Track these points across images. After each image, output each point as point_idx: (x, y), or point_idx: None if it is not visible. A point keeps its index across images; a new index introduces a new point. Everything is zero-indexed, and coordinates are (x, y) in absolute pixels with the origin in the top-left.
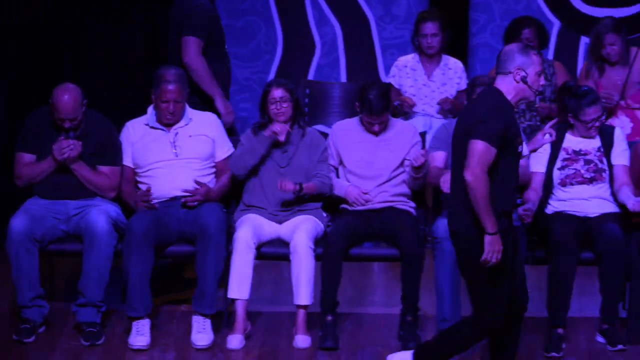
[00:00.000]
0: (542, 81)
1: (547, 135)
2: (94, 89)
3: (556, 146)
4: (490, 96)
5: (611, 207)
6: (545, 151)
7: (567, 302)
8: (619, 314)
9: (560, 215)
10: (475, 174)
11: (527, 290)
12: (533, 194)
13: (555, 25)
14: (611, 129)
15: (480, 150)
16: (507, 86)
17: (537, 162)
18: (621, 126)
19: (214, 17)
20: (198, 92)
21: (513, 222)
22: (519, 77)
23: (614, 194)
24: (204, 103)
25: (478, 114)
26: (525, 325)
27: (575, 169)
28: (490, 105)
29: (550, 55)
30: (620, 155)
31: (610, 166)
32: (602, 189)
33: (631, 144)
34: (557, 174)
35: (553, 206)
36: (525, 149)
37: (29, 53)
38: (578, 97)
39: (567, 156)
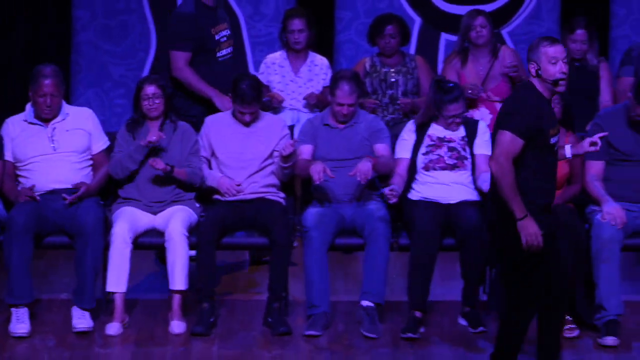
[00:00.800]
0: (563, 68)
1: (593, 146)
2: None
3: (421, 133)
4: (523, 90)
5: (471, 195)
6: (410, 138)
7: (426, 286)
8: (479, 297)
9: (422, 202)
10: (499, 162)
11: (566, 287)
12: (398, 179)
13: (417, 22)
14: (475, 121)
15: (505, 140)
16: (535, 81)
17: (402, 149)
18: (481, 117)
19: (199, 27)
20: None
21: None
22: (533, 71)
23: (475, 182)
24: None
25: (508, 106)
26: (389, 307)
27: (439, 154)
28: (521, 98)
29: (412, 50)
30: (482, 146)
31: (473, 155)
32: (464, 175)
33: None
34: (421, 159)
35: (416, 191)
36: (568, 150)
37: None
38: (443, 92)
39: (431, 142)
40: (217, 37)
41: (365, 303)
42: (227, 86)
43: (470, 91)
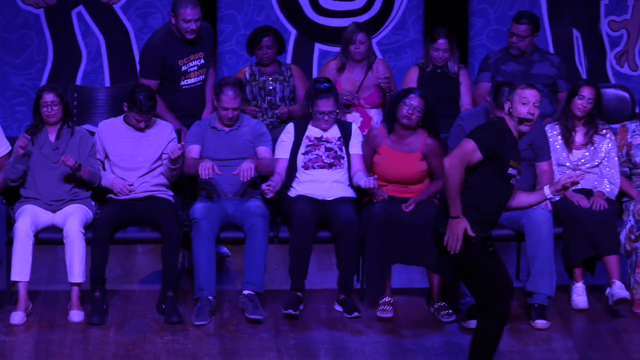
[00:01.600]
0: (532, 110)
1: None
2: None
3: (300, 134)
4: (497, 121)
5: (347, 192)
6: (289, 139)
7: (304, 270)
8: (353, 285)
9: (301, 197)
10: (453, 162)
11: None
12: (277, 177)
13: (292, 33)
14: (349, 124)
15: (467, 147)
16: (507, 118)
17: (281, 150)
18: (353, 120)
19: (164, 58)
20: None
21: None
22: (507, 109)
23: (350, 179)
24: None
25: (482, 125)
26: (271, 296)
27: (317, 154)
28: (494, 124)
29: (288, 59)
30: (356, 146)
31: (348, 155)
32: (340, 173)
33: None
34: (300, 158)
35: (296, 189)
36: (547, 190)
37: None
38: (316, 91)
39: (310, 143)
40: (184, 68)
41: (247, 291)
42: (190, 112)
43: (346, 97)
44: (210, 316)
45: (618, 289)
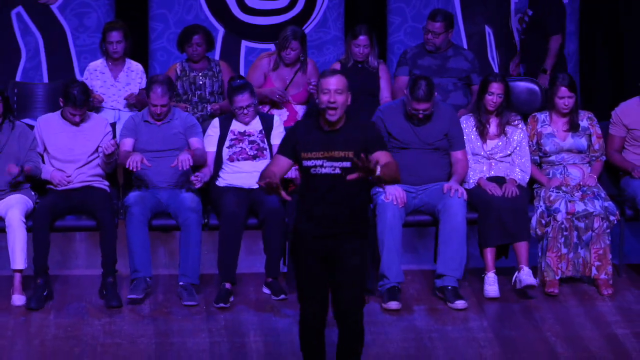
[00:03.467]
0: (331, 98)
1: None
2: None
3: (225, 129)
4: (308, 114)
5: None
6: (215, 134)
7: (234, 260)
8: (280, 269)
9: (229, 188)
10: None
11: (350, 296)
12: (205, 169)
13: (220, 31)
14: (271, 116)
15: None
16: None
17: (208, 143)
18: (279, 114)
19: None
20: None
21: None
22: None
23: None
24: None
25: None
26: (202, 280)
27: (241, 147)
28: (297, 122)
29: (216, 56)
30: (278, 137)
31: (270, 145)
32: (263, 164)
33: (287, 129)
34: (226, 152)
35: (223, 179)
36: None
37: None
38: (232, 88)
39: (234, 137)
40: None
41: (182, 282)
42: None
43: (278, 95)
44: (145, 292)
45: (525, 275)
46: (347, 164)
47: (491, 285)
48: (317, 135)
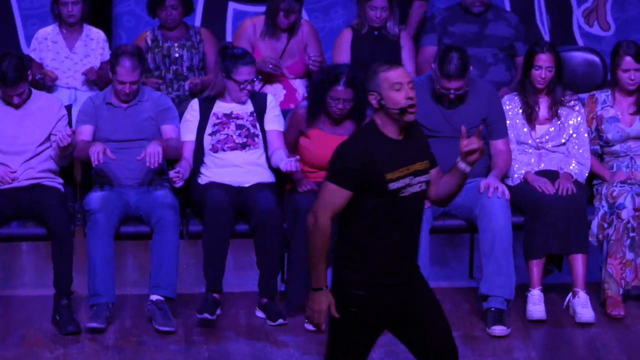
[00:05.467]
0: (407, 93)
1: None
2: None
3: (206, 112)
4: (360, 130)
5: (266, 176)
6: (194, 118)
7: (221, 268)
8: (277, 287)
9: (214, 185)
10: (317, 219)
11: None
12: (184, 163)
13: None
14: (264, 96)
15: (325, 192)
16: (376, 116)
17: (186, 131)
18: (274, 93)
19: None
20: None
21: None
22: (375, 102)
23: (269, 161)
24: None
25: (339, 148)
26: (181, 300)
27: (227, 134)
28: (350, 140)
29: (197, 22)
30: (273, 121)
31: (264, 132)
32: (256, 154)
33: (286, 112)
34: (208, 140)
35: (206, 175)
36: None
37: None
38: (235, 57)
39: (217, 121)
40: None
41: (155, 297)
42: None
43: (271, 66)
44: (108, 321)
45: (582, 306)
46: (427, 177)
47: (535, 305)
48: (392, 147)
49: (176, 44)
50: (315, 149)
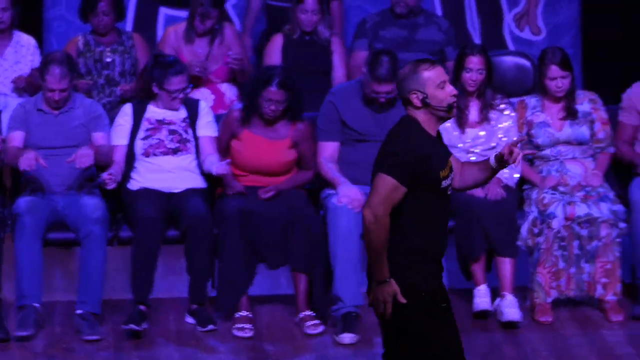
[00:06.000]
0: (452, 90)
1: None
2: None
3: (138, 117)
4: (404, 126)
5: (196, 182)
6: (127, 123)
7: (150, 279)
8: (207, 293)
9: (144, 191)
10: (375, 213)
11: None
12: (116, 166)
13: None
14: (196, 102)
15: (384, 187)
16: (417, 114)
17: (118, 135)
18: (203, 99)
19: None
20: None
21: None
22: (418, 101)
23: (201, 166)
24: None
25: (388, 146)
26: (110, 306)
27: (159, 138)
28: (400, 137)
29: (128, 27)
30: (206, 127)
31: (196, 137)
32: (187, 160)
33: (216, 117)
34: (140, 145)
35: (137, 180)
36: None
37: None
38: (164, 66)
39: (150, 126)
40: None
41: (80, 311)
42: None
43: (198, 69)
44: (37, 327)
45: (508, 307)
46: (454, 173)
47: (481, 298)
48: (436, 145)
49: (108, 49)
50: (246, 151)
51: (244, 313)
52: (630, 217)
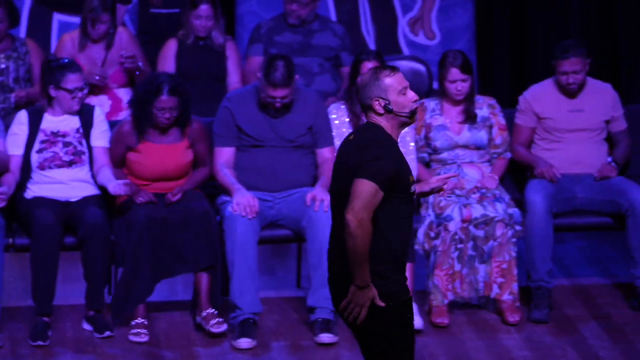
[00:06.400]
0: (413, 96)
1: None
2: None
3: (34, 128)
4: (373, 132)
5: (92, 190)
6: (22, 132)
7: (51, 288)
8: (104, 299)
9: (40, 200)
10: (359, 218)
11: None
12: (10, 177)
13: (26, 2)
14: (91, 108)
15: (366, 191)
16: (380, 120)
17: (13, 145)
18: (100, 105)
19: None
20: None
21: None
22: (380, 108)
23: (94, 177)
24: None
25: (366, 152)
26: (8, 314)
27: (54, 152)
28: (378, 143)
29: (22, 33)
30: (100, 137)
31: (90, 148)
32: (82, 171)
33: (113, 123)
34: (35, 157)
35: (33, 191)
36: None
37: None
38: (60, 66)
39: (45, 138)
40: None
41: None
42: None
43: (98, 77)
44: None
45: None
46: None
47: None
48: (400, 151)
49: (2, 55)
50: (147, 161)
51: (139, 320)
52: (526, 218)
